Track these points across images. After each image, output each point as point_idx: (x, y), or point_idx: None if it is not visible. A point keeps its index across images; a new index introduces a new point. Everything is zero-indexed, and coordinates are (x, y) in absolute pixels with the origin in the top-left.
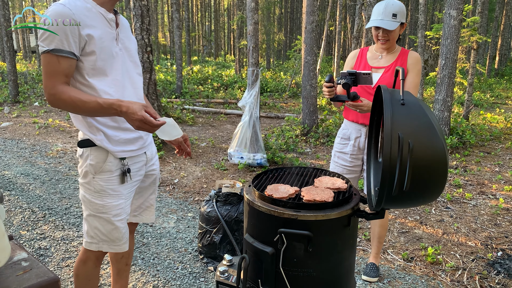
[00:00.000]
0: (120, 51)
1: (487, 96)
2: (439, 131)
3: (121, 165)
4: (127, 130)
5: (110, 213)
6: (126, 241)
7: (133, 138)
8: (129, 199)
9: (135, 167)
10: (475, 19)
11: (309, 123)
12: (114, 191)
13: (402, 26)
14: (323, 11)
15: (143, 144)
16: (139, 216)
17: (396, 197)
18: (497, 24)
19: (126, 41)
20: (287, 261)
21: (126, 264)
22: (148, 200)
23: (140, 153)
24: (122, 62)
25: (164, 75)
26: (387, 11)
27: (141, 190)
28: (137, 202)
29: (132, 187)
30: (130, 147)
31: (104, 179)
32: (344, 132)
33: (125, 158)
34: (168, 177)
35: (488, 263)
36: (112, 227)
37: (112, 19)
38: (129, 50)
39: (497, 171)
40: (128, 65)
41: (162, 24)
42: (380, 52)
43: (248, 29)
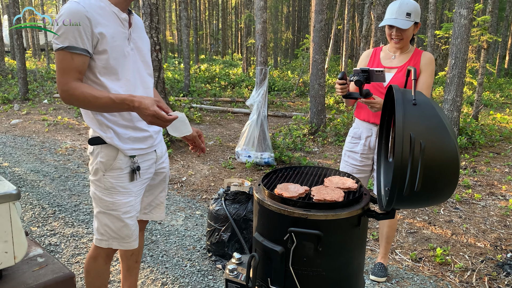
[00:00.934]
0: (132, 50)
1: (496, 96)
2: (451, 131)
3: (131, 163)
4: (137, 129)
5: (120, 210)
6: (136, 238)
7: (143, 137)
8: (139, 197)
9: (145, 165)
10: (485, 18)
11: (317, 122)
12: (124, 188)
13: (416, 26)
14: (331, 10)
15: (153, 143)
16: (149, 213)
17: (407, 197)
18: (507, 24)
19: (139, 41)
20: (296, 260)
21: (136, 261)
22: (158, 198)
23: (150, 151)
24: (134, 62)
25: (172, 74)
26: (401, 10)
27: (151, 188)
28: (147, 200)
29: (142, 184)
30: (140, 145)
31: (114, 177)
32: (355, 131)
33: (135, 156)
34: (176, 175)
35: (498, 265)
36: (121, 224)
37: (125, 19)
38: (141, 50)
39: (507, 172)
40: (139, 65)
41: (170, 23)
42: (393, 52)
43: (256, 27)
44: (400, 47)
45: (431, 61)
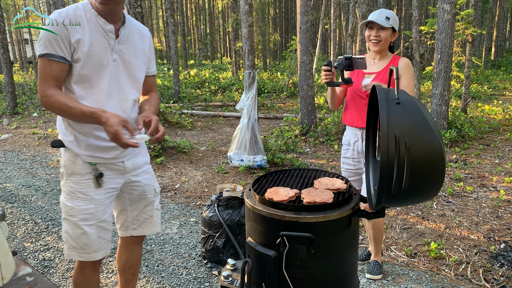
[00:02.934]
0: (114, 61)
1: (484, 88)
2: (435, 128)
3: (91, 170)
4: (99, 138)
5: (78, 217)
6: (97, 249)
7: (105, 147)
8: (102, 206)
9: (109, 174)
10: (469, 12)
11: (307, 122)
12: (84, 194)
13: (394, 34)
14: (317, 10)
15: (119, 154)
16: (139, 228)
17: (395, 195)
18: (491, 16)
19: (127, 53)
20: (290, 263)
21: (133, 275)
22: (146, 212)
23: (114, 162)
24: (114, 73)
25: (162, 80)
26: (381, 14)
27: (133, 202)
28: (132, 215)
29: (106, 193)
30: (101, 155)
31: (75, 181)
32: (345, 138)
33: (95, 164)
34: (169, 182)
35: (492, 256)
36: (80, 232)
37: (110, 30)
38: (128, 62)
39: (497, 163)
40: (121, 77)
41: (157, 30)
42: (373, 59)
43: (243, 32)
44: (379, 51)
45: (408, 65)
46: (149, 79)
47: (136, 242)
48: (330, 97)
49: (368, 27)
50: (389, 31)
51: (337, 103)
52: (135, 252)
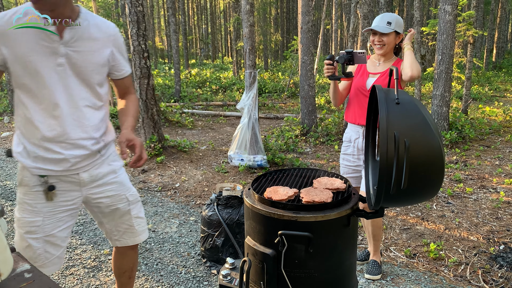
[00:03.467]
0: (60, 67)
1: (485, 90)
2: (434, 128)
3: (40, 182)
4: (48, 150)
5: (23, 229)
6: (44, 265)
7: (55, 159)
8: (50, 219)
9: (62, 186)
10: (470, 13)
11: (308, 122)
12: (31, 206)
13: (398, 36)
14: (319, 10)
15: (70, 167)
16: (121, 239)
17: (394, 195)
18: (493, 17)
19: (77, 56)
20: (288, 262)
21: (129, 278)
22: (124, 222)
23: (67, 174)
24: (60, 78)
25: (163, 80)
26: (383, 19)
27: (106, 215)
28: (109, 227)
29: (57, 207)
30: (50, 167)
31: (23, 192)
32: (346, 135)
33: (45, 176)
34: (169, 181)
35: (491, 257)
36: (25, 244)
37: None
38: (77, 66)
39: (497, 164)
40: (70, 82)
41: (158, 29)
42: (377, 60)
43: (244, 31)
44: (383, 54)
45: None
46: (120, 82)
47: (129, 248)
48: (332, 93)
49: (372, 32)
50: (392, 35)
51: (339, 100)
52: (129, 257)
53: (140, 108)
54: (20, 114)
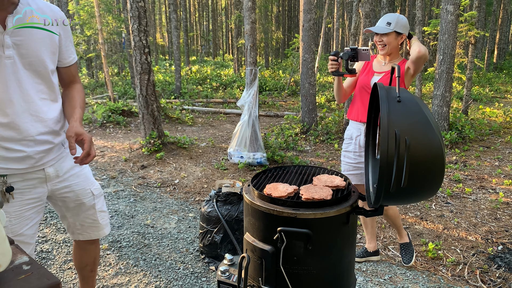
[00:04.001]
0: (8, 59)
1: (486, 91)
2: (435, 127)
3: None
4: (9, 150)
5: None
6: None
7: (17, 157)
8: (17, 218)
9: (25, 185)
10: (472, 13)
11: (308, 121)
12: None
13: (400, 37)
14: (320, 9)
15: (35, 163)
16: (84, 233)
17: (394, 193)
18: (495, 18)
19: (25, 46)
20: (287, 259)
21: (91, 271)
22: (88, 217)
23: (31, 171)
24: (10, 73)
25: (163, 76)
26: (383, 20)
27: (70, 209)
28: (73, 221)
29: (23, 205)
30: (13, 165)
31: None
32: (348, 132)
33: (4, 175)
34: (169, 177)
35: (489, 257)
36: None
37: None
38: (28, 57)
39: (497, 165)
40: (21, 75)
41: (160, 25)
42: (383, 59)
43: (245, 28)
44: (387, 54)
45: None
46: (67, 69)
47: (90, 243)
48: (336, 89)
49: (375, 33)
50: (392, 36)
51: (343, 97)
52: (90, 252)
53: (140, 103)
54: None
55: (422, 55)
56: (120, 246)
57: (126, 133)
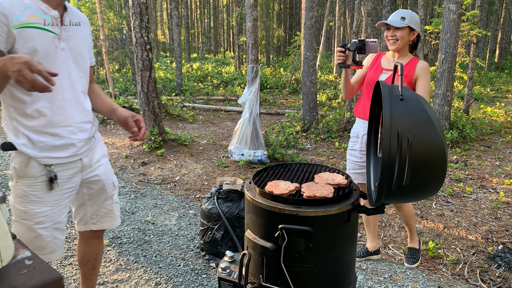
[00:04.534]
0: (63, 51)
1: (487, 90)
2: (438, 125)
3: (46, 171)
4: (56, 136)
5: (32, 220)
6: (53, 251)
7: (62, 145)
8: (57, 207)
9: (65, 174)
10: (474, 13)
11: (309, 119)
12: (37, 197)
13: (413, 33)
14: (322, 7)
15: (77, 152)
16: (98, 223)
17: (395, 192)
18: (497, 18)
19: (74, 41)
20: (288, 257)
21: (93, 268)
22: (105, 206)
23: (72, 160)
24: (63, 62)
25: (164, 73)
26: (397, 14)
27: (92, 197)
28: (91, 210)
29: (62, 195)
30: (58, 154)
31: (27, 185)
32: (354, 130)
33: (51, 164)
34: (169, 174)
35: (489, 257)
36: (34, 235)
37: (55, 16)
38: (75, 51)
39: (498, 165)
40: (70, 66)
41: (161, 22)
42: (392, 56)
43: (247, 25)
44: (396, 50)
45: (426, 69)
46: (91, 69)
47: (95, 237)
48: (343, 84)
49: (386, 28)
50: (405, 30)
51: (350, 92)
52: (93, 246)
53: (141, 100)
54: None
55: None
56: (121, 243)
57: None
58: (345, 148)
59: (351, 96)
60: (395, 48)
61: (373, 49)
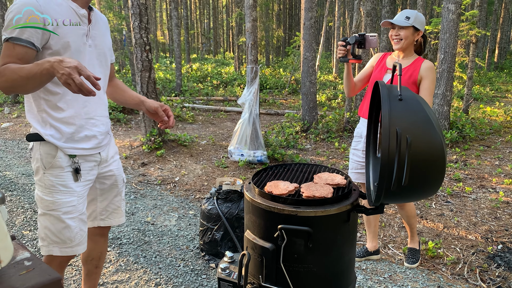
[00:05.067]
0: (90, 47)
1: (486, 90)
2: (437, 125)
3: (71, 163)
4: (81, 127)
5: (60, 210)
6: (80, 243)
7: (86, 136)
8: (82, 198)
9: (86, 166)
10: (473, 12)
11: (309, 119)
12: (65, 187)
13: (417, 33)
14: (322, 7)
15: (98, 144)
16: (107, 219)
17: (395, 192)
18: (496, 17)
19: (98, 39)
20: (287, 257)
21: (96, 267)
22: (114, 203)
23: (93, 153)
24: (89, 58)
25: (164, 74)
26: (402, 14)
27: (104, 192)
28: (101, 205)
29: (84, 186)
30: (82, 145)
31: (55, 175)
32: (358, 130)
33: (75, 156)
34: (169, 175)
35: (489, 256)
36: (62, 226)
37: (84, 15)
38: (99, 48)
39: (497, 164)
40: (94, 63)
41: (160, 22)
42: (397, 56)
43: (246, 26)
44: (400, 49)
45: (431, 68)
46: (112, 66)
47: (101, 234)
48: (345, 78)
49: (391, 27)
50: (410, 30)
51: (352, 89)
52: (99, 244)
53: None
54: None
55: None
56: (121, 243)
57: (126, 131)
58: (344, 148)
59: (353, 94)
60: (399, 47)
61: (372, 44)
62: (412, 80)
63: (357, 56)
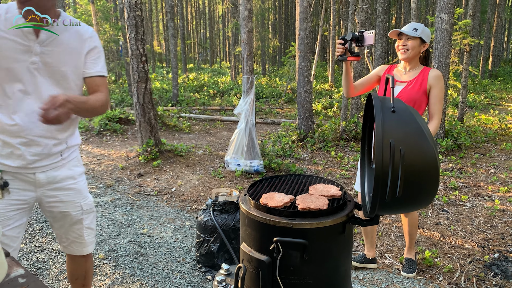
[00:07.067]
0: (33, 64)
1: (481, 98)
2: (429, 137)
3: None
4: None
5: None
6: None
7: (12, 153)
8: (1, 217)
9: (16, 185)
10: (466, 22)
11: (305, 128)
12: None
13: (423, 45)
14: (317, 17)
15: (28, 165)
16: (69, 247)
17: (389, 203)
18: (489, 26)
19: (52, 56)
20: (283, 269)
21: (83, 285)
22: (74, 231)
23: (22, 172)
24: (33, 76)
25: (160, 83)
26: (410, 26)
27: (56, 220)
28: (59, 232)
29: (9, 205)
30: (7, 162)
31: None
32: None
33: (1, 171)
34: (166, 186)
35: (485, 265)
36: None
37: (28, 31)
38: (51, 66)
39: (493, 172)
40: (42, 81)
41: (157, 33)
42: (403, 68)
43: (242, 37)
44: (407, 60)
45: (439, 77)
46: (91, 80)
47: (80, 256)
48: (344, 78)
49: (398, 38)
50: (417, 41)
51: (351, 90)
52: (80, 265)
53: (137, 112)
54: None
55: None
56: (117, 256)
57: (123, 141)
58: (341, 157)
59: (352, 95)
60: (406, 57)
61: (369, 40)
62: (423, 90)
63: (355, 54)
